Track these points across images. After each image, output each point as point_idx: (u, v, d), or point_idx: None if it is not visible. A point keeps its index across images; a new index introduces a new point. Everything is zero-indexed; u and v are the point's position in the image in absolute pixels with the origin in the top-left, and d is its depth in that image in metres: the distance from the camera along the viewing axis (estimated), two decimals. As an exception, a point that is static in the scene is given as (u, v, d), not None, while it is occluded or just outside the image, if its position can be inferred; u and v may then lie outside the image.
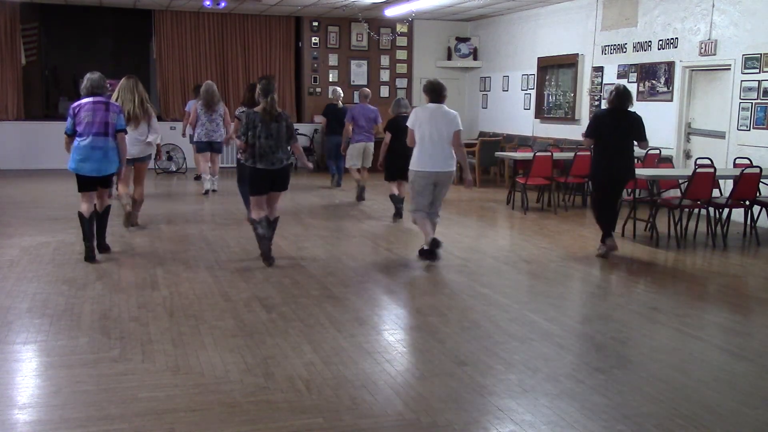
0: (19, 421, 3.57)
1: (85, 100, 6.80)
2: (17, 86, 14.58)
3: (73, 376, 4.10)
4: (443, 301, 5.84)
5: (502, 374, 4.27)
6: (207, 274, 6.49)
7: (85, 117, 6.74)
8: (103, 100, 6.83)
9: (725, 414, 3.80)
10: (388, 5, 13.72)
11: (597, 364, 4.47)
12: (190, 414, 3.65)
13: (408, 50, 16.40)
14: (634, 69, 11.47)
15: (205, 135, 11.22)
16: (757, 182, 8.43)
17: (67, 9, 15.03)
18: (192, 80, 15.20)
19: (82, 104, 6.79)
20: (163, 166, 14.24)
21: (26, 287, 5.92)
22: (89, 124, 6.74)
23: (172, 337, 4.78)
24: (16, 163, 14.14)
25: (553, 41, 13.43)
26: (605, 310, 5.76)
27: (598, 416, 3.72)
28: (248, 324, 5.10)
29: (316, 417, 3.65)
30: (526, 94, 14.36)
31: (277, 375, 4.17)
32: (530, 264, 7.24)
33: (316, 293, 5.93)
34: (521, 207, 10.36)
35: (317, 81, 15.98)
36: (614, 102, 7.41)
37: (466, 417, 3.69)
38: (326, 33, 15.89)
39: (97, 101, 6.80)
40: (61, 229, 8.32)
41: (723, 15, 9.82)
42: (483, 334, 5.00)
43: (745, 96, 9.51)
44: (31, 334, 4.82)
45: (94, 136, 6.74)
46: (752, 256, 7.99)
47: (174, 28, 15.16)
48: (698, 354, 4.74)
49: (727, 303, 6.15)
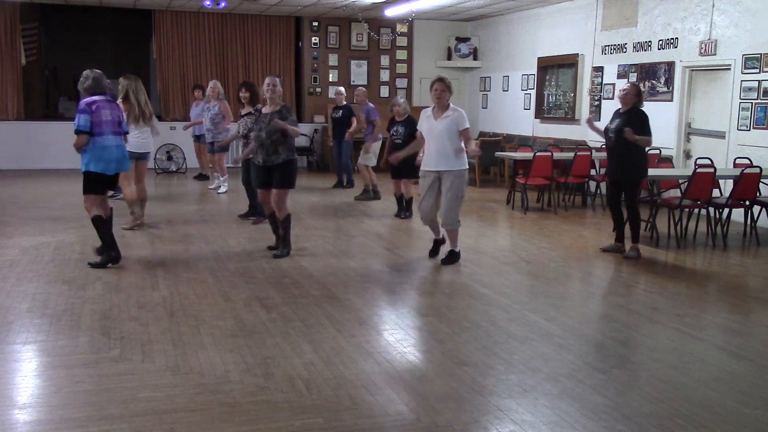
0: (19, 421, 3.56)
1: (99, 98, 6.54)
2: (17, 86, 14.59)
3: (73, 376, 4.10)
4: (443, 301, 5.84)
5: (502, 374, 4.27)
6: (207, 274, 6.49)
7: (104, 115, 6.52)
8: (111, 99, 6.77)
9: (725, 414, 3.80)
10: (388, 5, 13.72)
11: (597, 364, 4.47)
12: (190, 414, 3.65)
13: (408, 50, 16.40)
14: (634, 69, 11.47)
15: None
16: (757, 182, 8.43)
17: (67, 9, 15.03)
18: (192, 80, 15.22)
19: (98, 102, 6.52)
20: (163, 166, 14.24)
21: (26, 287, 5.92)
22: (108, 122, 6.55)
23: (172, 337, 4.78)
24: (16, 163, 14.14)
25: (553, 41, 13.43)
26: (605, 310, 5.76)
27: (598, 416, 3.71)
28: (248, 324, 5.10)
29: (316, 417, 3.65)
30: (526, 94, 14.36)
31: (277, 375, 4.17)
32: (530, 264, 7.24)
33: (316, 293, 5.93)
34: (521, 207, 10.36)
35: (317, 81, 15.98)
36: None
37: (466, 417, 3.69)
38: (326, 33, 15.90)
39: (108, 100, 6.68)
40: (61, 229, 8.32)
41: (723, 15, 9.82)
42: (483, 334, 5.00)
43: (745, 96, 9.51)
44: (31, 334, 4.82)
45: (114, 135, 6.62)
46: (752, 256, 7.99)
47: (174, 28, 15.16)
48: (698, 354, 4.74)
49: (727, 303, 6.15)
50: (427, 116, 6.95)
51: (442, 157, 6.82)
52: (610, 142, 7.54)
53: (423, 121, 7.00)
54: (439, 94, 6.80)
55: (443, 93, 6.81)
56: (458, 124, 6.79)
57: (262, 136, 6.96)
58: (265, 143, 6.96)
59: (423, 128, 6.99)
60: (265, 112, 7.05)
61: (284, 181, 7.05)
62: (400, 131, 9.53)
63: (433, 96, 6.84)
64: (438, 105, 6.84)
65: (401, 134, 9.46)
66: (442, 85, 6.81)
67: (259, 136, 7.00)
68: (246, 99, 8.65)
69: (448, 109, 6.82)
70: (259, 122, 7.06)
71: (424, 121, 6.99)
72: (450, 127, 6.76)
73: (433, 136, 6.84)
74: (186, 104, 15.39)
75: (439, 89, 6.80)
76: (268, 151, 6.97)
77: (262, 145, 6.98)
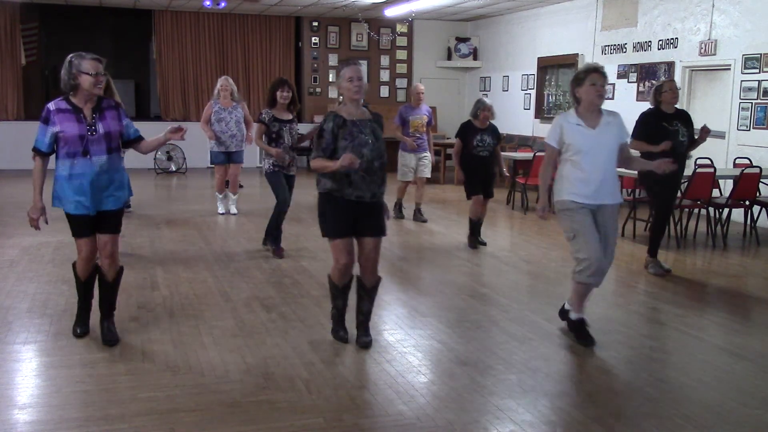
0: (19, 421, 3.56)
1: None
2: (17, 86, 14.60)
3: (73, 376, 4.10)
4: (443, 301, 5.84)
5: (502, 374, 4.27)
6: (207, 274, 6.48)
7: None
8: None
9: (725, 414, 3.80)
10: (388, 5, 13.72)
11: (597, 364, 4.47)
12: (190, 414, 3.65)
13: (408, 50, 16.40)
14: (634, 69, 11.47)
15: None
16: (757, 182, 8.44)
17: (67, 9, 15.02)
18: (192, 80, 15.21)
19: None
20: (163, 166, 14.24)
21: (26, 287, 5.92)
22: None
23: (172, 337, 4.78)
24: (16, 163, 14.13)
25: (553, 41, 13.43)
26: (605, 310, 5.75)
27: (598, 416, 3.71)
28: (248, 324, 5.10)
29: (316, 417, 3.65)
30: (526, 94, 14.36)
31: (277, 375, 4.17)
32: (530, 264, 7.24)
33: (316, 293, 5.93)
34: (521, 207, 10.36)
35: (317, 81, 15.98)
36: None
37: (466, 417, 3.69)
38: (326, 33, 15.90)
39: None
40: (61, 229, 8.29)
41: (723, 15, 9.83)
42: (483, 334, 5.00)
43: (745, 96, 9.51)
44: (31, 334, 4.82)
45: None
46: (752, 256, 7.99)
47: (174, 28, 15.16)
48: (698, 354, 4.74)
49: (727, 303, 6.15)
50: (573, 124, 4.75)
51: (604, 182, 4.70)
52: (682, 147, 6.70)
53: (567, 133, 4.74)
54: (601, 92, 4.68)
55: (604, 90, 4.73)
56: (623, 134, 4.85)
57: (365, 155, 4.41)
58: (372, 169, 4.46)
59: (572, 142, 4.73)
60: (353, 119, 4.48)
61: (383, 223, 4.65)
62: (486, 141, 7.69)
63: (591, 94, 4.67)
64: (594, 107, 4.72)
65: (488, 145, 7.69)
66: (604, 78, 4.71)
67: (371, 157, 4.44)
68: (286, 100, 6.99)
69: (603, 114, 4.77)
70: (352, 135, 4.44)
71: (568, 131, 4.74)
72: (615, 138, 4.77)
73: (592, 154, 4.68)
74: (186, 104, 15.41)
75: (601, 83, 4.67)
76: (375, 179, 4.49)
77: (368, 172, 4.45)
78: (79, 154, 4.39)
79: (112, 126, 4.50)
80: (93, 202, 4.47)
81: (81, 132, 4.37)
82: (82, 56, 4.42)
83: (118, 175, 4.58)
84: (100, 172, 4.45)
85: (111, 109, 4.53)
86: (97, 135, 4.41)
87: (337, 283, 4.73)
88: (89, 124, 4.40)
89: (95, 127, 4.41)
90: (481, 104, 7.78)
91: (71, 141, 4.37)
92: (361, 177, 4.41)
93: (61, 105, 4.43)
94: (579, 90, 4.70)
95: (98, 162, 4.44)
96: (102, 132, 4.43)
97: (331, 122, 4.43)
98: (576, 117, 4.74)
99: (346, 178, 4.40)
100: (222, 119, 9.24)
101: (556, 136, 4.81)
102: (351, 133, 4.41)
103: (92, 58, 4.43)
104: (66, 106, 4.42)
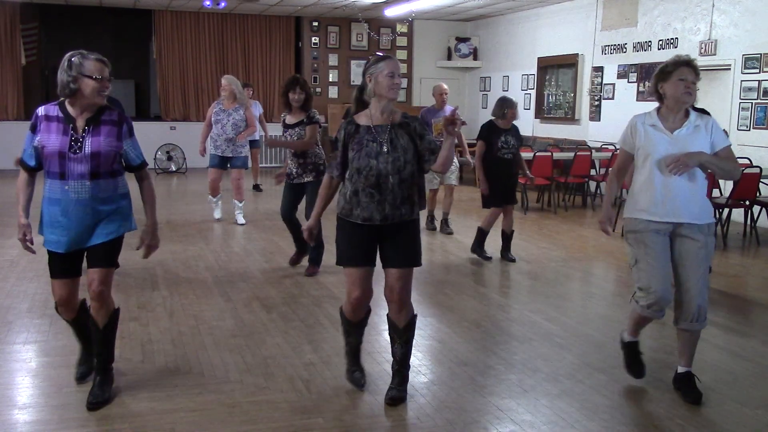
0: (19, 421, 3.56)
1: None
2: (17, 86, 14.60)
3: (73, 376, 4.09)
4: (443, 301, 5.83)
5: (502, 374, 4.27)
6: (207, 275, 6.48)
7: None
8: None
9: (725, 414, 3.80)
10: (388, 5, 13.72)
11: (597, 364, 4.47)
12: (190, 414, 3.65)
13: (408, 50, 16.40)
14: (634, 69, 11.47)
15: None
16: (757, 182, 8.44)
17: (67, 9, 15.03)
18: (192, 80, 15.20)
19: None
20: (163, 166, 14.24)
21: (26, 287, 5.92)
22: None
23: (172, 337, 4.78)
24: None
25: (553, 41, 13.43)
26: (605, 310, 5.75)
27: (598, 416, 3.71)
28: (248, 324, 5.10)
29: (316, 417, 3.65)
30: (526, 94, 14.36)
31: (277, 375, 4.17)
32: (530, 264, 7.23)
33: (316, 293, 5.93)
34: (521, 207, 10.36)
35: (317, 81, 15.98)
36: None
37: (466, 417, 3.69)
38: (326, 33, 15.90)
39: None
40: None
41: (723, 15, 9.83)
42: (483, 334, 5.00)
43: (745, 96, 9.52)
44: (31, 334, 4.82)
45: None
46: (752, 256, 7.99)
47: (174, 28, 15.16)
48: (698, 354, 4.73)
49: (727, 303, 6.15)
50: (647, 125, 3.96)
51: (680, 197, 3.90)
52: None
53: (639, 135, 3.96)
54: (691, 89, 3.85)
55: (694, 88, 3.88)
56: (718, 139, 3.93)
57: (385, 169, 3.64)
58: (384, 185, 3.67)
59: (643, 147, 3.94)
60: (370, 124, 3.71)
61: (412, 251, 3.83)
62: (511, 143, 7.22)
63: (679, 91, 3.85)
64: (680, 107, 3.90)
65: (512, 146, 7.22)
66: (696, 74, 3.86)
67: (385, 170, 3.64)
68: (299, 102, 6.42)
69: (691, 116, 3.93)
70: (361, 143, 3.69)
71: (640, 133, 3.95)
72: (702, 145, 3.87)
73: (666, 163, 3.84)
74: (186, 104, 15.41)
75: (692, 79, 3.85)
76: (397, 196, 3.69)
77: (378, 189, 3.67)
78: (56, 176, 3.55)
79: (105, 145, 3.59)
80: (69, 237, 3.61)
81: (62, 148, 3.52)
82: (85, 56, 3.63)
83: (108, 208, 3.74)
84: (78, 202, 3.56)
85: (111, 124, 3.65)
86: (80, 154, 3.53)
87: (349, 318, 3.99)
88: (75, 139, 3.55)
89: (82, 144, 3.54)
90: (508, 102, 7.21)
91: (50, 157, 3.54)
92: (369, 195, 3.64)
93: (51, 111, 3.64)
94: (664, 85, 3.89)
95: (75, 188, 3.54)
96: (88, 151, 3.54)
97: (343, 131, 3.74)
98: (655, 117, 3.95)
99: (354, 196, 3.69)
100: (218, 121, 8.71)
101: (626, 137, 4.04)
102: (360, 141, 3.65)
103: (96, 58, 3.64)
104: (56, 113, 3.63)
